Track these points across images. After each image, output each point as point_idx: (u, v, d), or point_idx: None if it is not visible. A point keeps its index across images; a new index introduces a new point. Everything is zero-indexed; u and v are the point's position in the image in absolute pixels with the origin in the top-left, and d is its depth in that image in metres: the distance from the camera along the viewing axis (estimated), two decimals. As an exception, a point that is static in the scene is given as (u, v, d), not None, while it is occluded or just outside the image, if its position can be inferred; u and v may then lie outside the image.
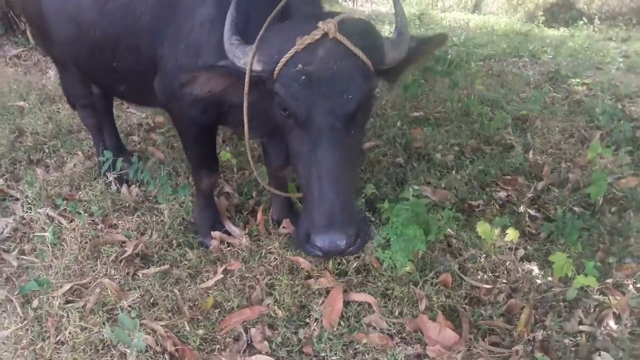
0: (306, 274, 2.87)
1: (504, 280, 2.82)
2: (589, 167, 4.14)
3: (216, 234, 3.19)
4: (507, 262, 2.93)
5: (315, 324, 2.53)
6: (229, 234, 3.26)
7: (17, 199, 3.52)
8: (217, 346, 2.44)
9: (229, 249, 3.12)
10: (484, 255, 3.00)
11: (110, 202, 3.42)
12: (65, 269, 2.87)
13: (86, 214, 3.30)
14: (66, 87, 3.71)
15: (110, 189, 3.57)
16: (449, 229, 3.11)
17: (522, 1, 15.32)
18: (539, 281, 2.81)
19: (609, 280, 2.71)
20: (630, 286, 2.70)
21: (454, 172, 4.06)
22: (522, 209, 3.56)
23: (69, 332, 2.45)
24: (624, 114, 5.20)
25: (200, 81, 2.11)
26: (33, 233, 3.15)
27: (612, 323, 2.48)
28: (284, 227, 3.30)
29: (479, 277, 2.86)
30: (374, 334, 2.45)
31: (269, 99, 2.01)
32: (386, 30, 10.62)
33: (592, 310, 2.57)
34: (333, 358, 2.36)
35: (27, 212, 3.32)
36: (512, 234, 2.96)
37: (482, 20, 13.11)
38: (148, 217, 3.34)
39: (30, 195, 3.50)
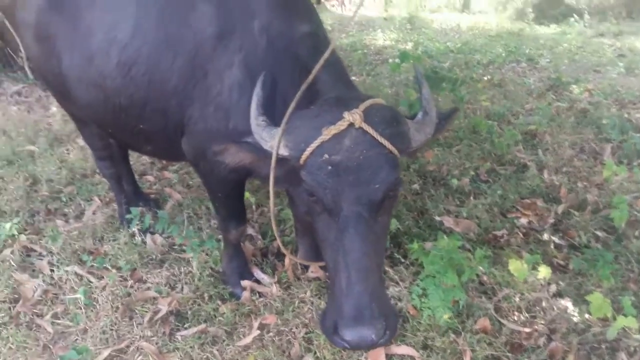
0: (343, 324, 2.86)
1: (542, 321, 2.84)
2: (605, 186, 4.18)
3: (246, 283, 3.18)
4: (542, 301, 2.95)
5: (360, 381, 2.53)
6: (258, 281, 3.26)
7: (41, 255, 3.49)
8: (266, 411, 2.44)
9: (260, 299, 3.11)
10: (518, 293, 3.01)
11: (137, 255, 3.39)
12: (101, 333, 2.84)
13: (114, 270, 3.29)
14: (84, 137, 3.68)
15: (135, 240, 3.55)
16: (480, 267, 3.12)
17: (511, -2, 15.38)
18: (575, 319, 2.83)
19: (646, 317, 2.73)
20: (668, 322, 2.73)
21: (472, 198, 4.08)
22: (546, 237, 3.59)
23: (116, 406, 2.44)
24: (632, 124, 5.25)
25: (230, 152, 2.14)
26: (63, 294, 3.13)
27: (656, 365, 2.52)
28: (312, 272, 3.30)
29: (515, 318, 2.88)
30: (421, 390, 2.46)
31: (297, 174, 2.01)
32: (379, 38, 10.66)
33: (634, 352, 2.60)
34: (385, 420, 2.37)
35: (54, 271, 3.29)
36: (544, 271, 2.99)
37: (472, 21, 13.20)
38: (176, 269, 3.32)
39: (54, 250, 3.48)
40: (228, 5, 2.46)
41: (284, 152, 1.96)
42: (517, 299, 2.97)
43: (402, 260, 3.31)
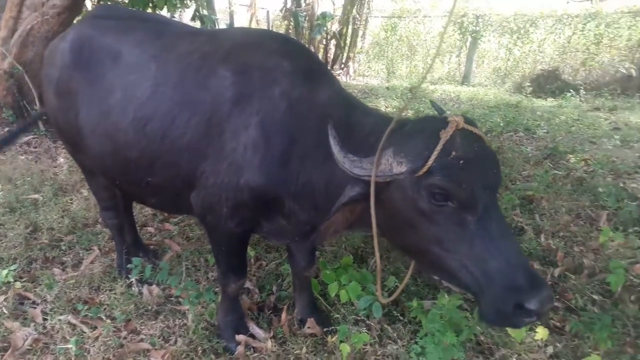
0: (338, 381, 2.82)
1: (539, 384, 2.79)
2: (601, 251, 4.20)
3: (241, 337, 3.14)
4: (539, 363, 2.92)
5: None
6: (253, 336, 3.22)
7: (35, 303, 3.47)
8: None
9: (255, 355, 3.07)
10: (515, 354, 2.98)
11: (133, 306, 3.37)
12: (91, 385, 2.79)
13: (108, 320, 3.26)
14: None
15: (131, 290, 3.54)
16: (478, 327, 3.10)
17: (509, 72, 15.91)
18: (573, 383, 2.79)
19: (645, 383, 2.70)
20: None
21: (470, 259, 4.08)
22: (543, 299, 3.57)
23: None
24: (627, 193, 5.33)
25: (341, 216, 2.20)
26: (54, 343, 3.08)
27: None
28: (309, 327, 3.27)
29: (512, 380, 2.84)
30: None
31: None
32: (381, 105, 10.99)
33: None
34: None
35: (47, 319, 3.26)
36: (541, 333, 2.96)
37: (472, 92, 13.62)
38: (171, 321, 3.29)
39: (49, 298, 3.46)
40: (248, 73, 2.57)
41: (399, 169, 2.01)
42: (514, 360, 2.94)
43: (400, 318, 3.29)
